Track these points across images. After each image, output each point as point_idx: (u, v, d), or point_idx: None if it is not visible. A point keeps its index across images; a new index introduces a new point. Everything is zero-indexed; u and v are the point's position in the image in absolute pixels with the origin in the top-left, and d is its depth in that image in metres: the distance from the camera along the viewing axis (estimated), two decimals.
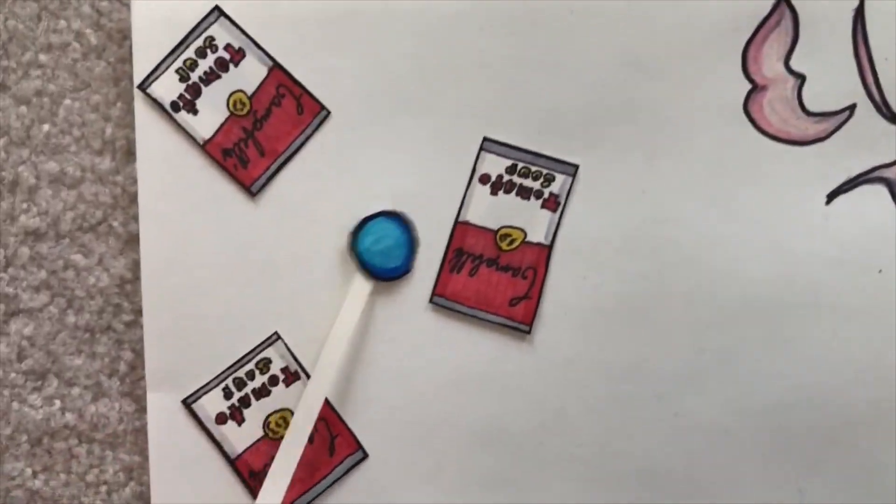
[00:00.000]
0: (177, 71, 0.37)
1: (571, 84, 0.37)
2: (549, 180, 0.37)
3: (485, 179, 0.38)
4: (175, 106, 0.37)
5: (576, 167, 0.37)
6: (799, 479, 0.38)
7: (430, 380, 0.38)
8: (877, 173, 0.37)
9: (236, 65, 0.37)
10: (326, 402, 0.38)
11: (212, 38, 0.37)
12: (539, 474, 0.38)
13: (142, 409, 0.38)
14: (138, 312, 0.38)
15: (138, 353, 0.38)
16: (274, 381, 0.38)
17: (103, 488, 0.39)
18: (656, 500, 0.38)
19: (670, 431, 0.38)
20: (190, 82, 0.37)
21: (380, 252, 0.37)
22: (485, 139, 0.37)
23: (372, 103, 0.37)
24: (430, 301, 0.38)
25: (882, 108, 0.37)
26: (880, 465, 0.37)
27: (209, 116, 0.37)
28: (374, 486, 0.38)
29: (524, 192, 0.38)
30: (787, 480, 0.38)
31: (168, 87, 0.37)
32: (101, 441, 0.39)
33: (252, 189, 0.38)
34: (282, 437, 0.38)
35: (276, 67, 0.37)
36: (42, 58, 0.38)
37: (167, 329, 0.38)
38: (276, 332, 0.38)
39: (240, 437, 0.38)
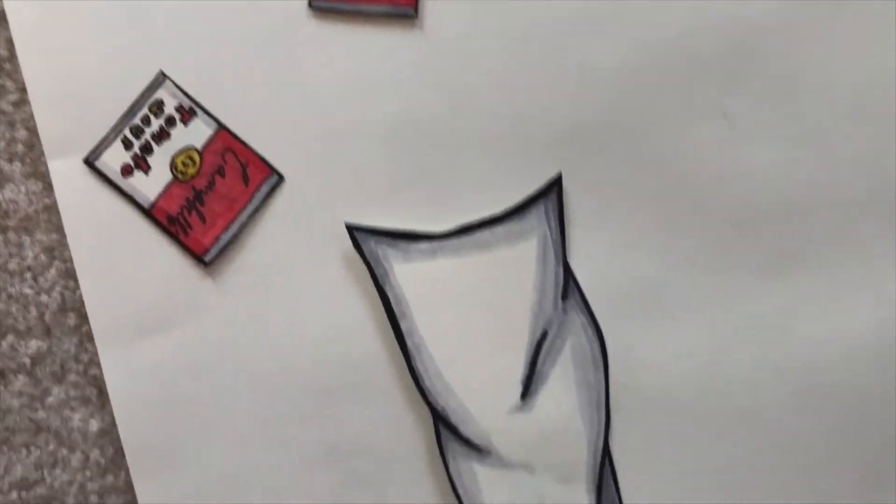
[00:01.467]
0: None
1: None
2: None
3: None
4: None
5: None
6: (722, 102, 0.37)
7: (326, 87, 0.37)
8: None
9: None
10: (229, 132, 0.37)
11: None
12: (458, 158, 0.37)
13: (49, 186, 0.37)
14: (23, 90, 0.37)
15: (32, 130, 0.37)
16: (171, 121, 0.37)
17: (28, 274, 0.38)
18: (582, 156, 0.37)
19: (579, 83, 0.37)
20: None
21: None
22: None
23: None
24: (309, 6, 0.37)
25: None
26: (796, 79, 0.36)
27: None
28: (297, 207, 0.37)
29: None
30: (710, 106, 0.37)
31: None
32: (16, 227, 0.38)
33: None
34: (191, 177, 0.37)
35: None
36: None
37: (53, 95, 0.37)
38: (161, 71, 0.37)
39: (150, 186, 0.37)
